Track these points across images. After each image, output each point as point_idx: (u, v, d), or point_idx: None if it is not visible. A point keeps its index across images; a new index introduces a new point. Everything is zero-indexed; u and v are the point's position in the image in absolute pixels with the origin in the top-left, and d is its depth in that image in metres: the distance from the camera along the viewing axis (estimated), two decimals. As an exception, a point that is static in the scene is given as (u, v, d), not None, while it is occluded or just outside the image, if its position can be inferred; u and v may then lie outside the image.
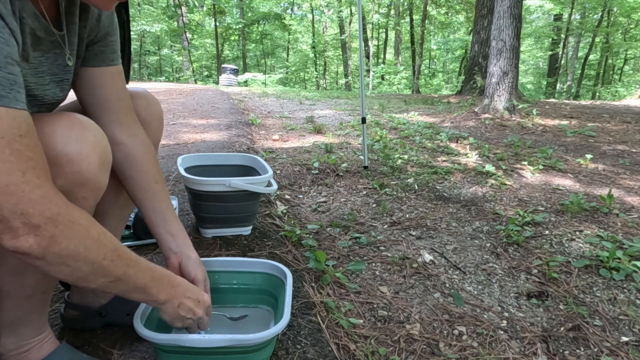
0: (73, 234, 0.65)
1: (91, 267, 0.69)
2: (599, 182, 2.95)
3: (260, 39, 25.04)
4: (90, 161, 0.75)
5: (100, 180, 0.79)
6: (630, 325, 1.43)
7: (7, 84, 0.59)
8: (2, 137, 0.58)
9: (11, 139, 0.59)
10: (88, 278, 0.70)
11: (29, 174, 0.61)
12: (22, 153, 0.60)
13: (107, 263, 0.70)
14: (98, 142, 0.78)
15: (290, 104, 7.21)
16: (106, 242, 0.71)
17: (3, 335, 0.84)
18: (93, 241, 0.69)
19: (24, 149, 0.61)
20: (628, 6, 16.07)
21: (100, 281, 0.72)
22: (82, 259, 0.67)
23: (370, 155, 3.42)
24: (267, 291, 1.17)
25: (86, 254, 0.67)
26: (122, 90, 0.96)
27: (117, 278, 0.73)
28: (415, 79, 16.35)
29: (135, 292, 0.78)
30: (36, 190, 0.61)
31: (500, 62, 5.41)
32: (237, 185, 1.51)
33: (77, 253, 0.66)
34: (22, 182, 0.60)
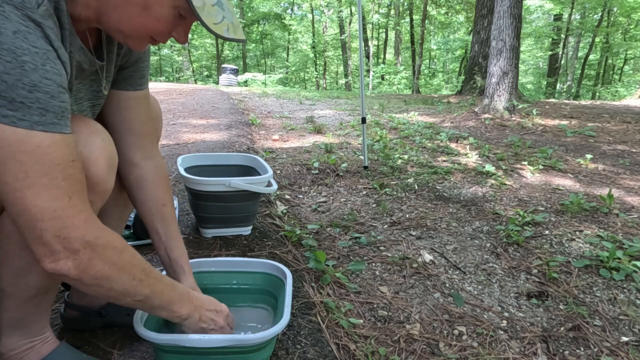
0: (108, 257, 0.70)
1: (123, 287, 0.73)
2: (599, 182, 2.95)
3: (260, 39, 25.03)
4: (99, 165, 0.77)
5: (108, 183, 0.81)
6: (630, 325, 1.43)
7: (59, 111, 0.63)
8: (59, 164, 0.63)
9: (66, 165, 0.64)
10: (119, 297, 0.75)
11: (75, 198, 0.65)
12: (73, 177, 0.65)
13: (136, 283, 0.75)
14: (106, 146, 0.80)
15: (290, 104, 7.21)
16: (136, 263, 0.76)
17: (4, 335, 0.84)
18: (125, 263, 0.73)
19: (75, 173, 0.66)
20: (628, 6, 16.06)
21: (129, 300, 0.76)
22: (116, 279, 0.72)
23: (370, 155, 3.42)
24: (267, 291, 1.17)
25: (119, 275, 0.72)
26: (145, 114, 0.99)
27: (146, 296, 0.78)
28: (415, 79, 16.34)
29: (160, 309, 0.82)
30: (79, 214, 0.66)
31: (500, 62, 5.41)
32: (237, 185, 1.51)
33: (111, 275, 0.71)
34: (68, 207, 0.64)
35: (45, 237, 0.63)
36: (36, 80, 0.60)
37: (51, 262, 0.65)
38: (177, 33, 0.78)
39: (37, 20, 0.61)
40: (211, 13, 0.73)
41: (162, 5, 0.72)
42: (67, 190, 0.64)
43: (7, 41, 0.57)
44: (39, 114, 0.61)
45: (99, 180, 0.77)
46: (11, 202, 0.62)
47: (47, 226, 0.63)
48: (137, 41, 0.77)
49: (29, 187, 0.61)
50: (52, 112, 0.62)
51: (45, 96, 0.61)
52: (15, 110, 0.59)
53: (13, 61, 0.58)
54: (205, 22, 0.72)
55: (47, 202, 0.62)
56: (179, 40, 0.78)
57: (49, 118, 0.62)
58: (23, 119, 0.60)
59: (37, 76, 0.60)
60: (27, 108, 0.60)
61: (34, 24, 0.61)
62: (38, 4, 0.61)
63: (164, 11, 0.73)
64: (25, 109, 0.59)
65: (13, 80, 0.58)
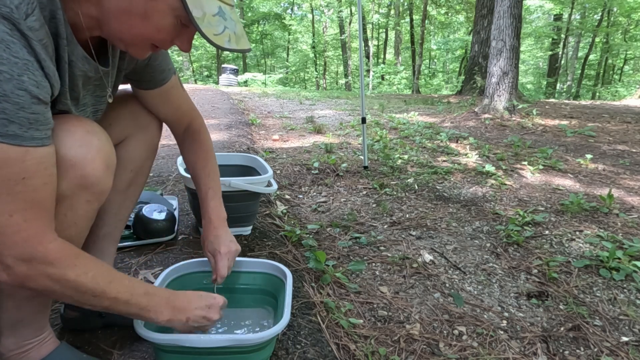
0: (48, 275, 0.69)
1: (72, 300, 0.75)
2: (599, 182, 2.95)
3: (260, 39, 25.02)
4: (95, 165, 0.76)
5: (105, 183, 0.80)
6: (630, 325, 1.43)
7: (26, 123, 0.62)
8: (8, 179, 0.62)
9: (14, 183, 0.63)
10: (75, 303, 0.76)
11: (17, 215, 0.64)
12: (20, 196, 0.64)
13: (87, 297, 0.74)
14: (102, 146, 0.79)
15: (290, 104, 7.21)
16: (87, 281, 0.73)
17: (4, 336, 0.84)
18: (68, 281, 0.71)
19: (25, 191, 0.64)
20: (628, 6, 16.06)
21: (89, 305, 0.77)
22: (60, 294, 0.72)
23: (370, 155, 3.42)
24: (267, 291, 1.17)
25: (62, 291, 0.72)
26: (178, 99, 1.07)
27: (106, 307, 0.78)
28: (415, 79, 16.34)
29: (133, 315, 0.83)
30: (20, 232, 0.65)
31: (500, 62, 5.41)
32: (237, 185, 1.51)
33: (53, 290, 0.71)
34: (7, 225, 0.64)
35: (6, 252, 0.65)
36: (8, 90, 0.59)
37: None
38: (180, 41, 0.78)
39: (23, 31, 0.61)
40: (212, 24, 0.72)
41: (162, 15, 0.72)
42: (9, 206, 0.63)
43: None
44: (1, 124, 0.60)
45: (95, 181, 0.77)
46: None
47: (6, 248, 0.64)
48: (139, 49, 0.77)
49: None
50: (17, 124, 0.61)
51: (14, 107, 0.60)
52: None
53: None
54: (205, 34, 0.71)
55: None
56: (182, 48, 0.78)
57: (11, 129, 0.60)
58: None
59: (10, 86, 0.59)
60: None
61: (19, 34, 0.61)
62: (27, 14, 0.61)
63: (164, 21, 0.72)
64: None
65: None
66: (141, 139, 1.05)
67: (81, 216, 0.80)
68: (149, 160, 1.10)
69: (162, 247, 1.53)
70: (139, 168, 1.07)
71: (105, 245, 1.06)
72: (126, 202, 1.08)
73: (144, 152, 1.07)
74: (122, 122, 1.01)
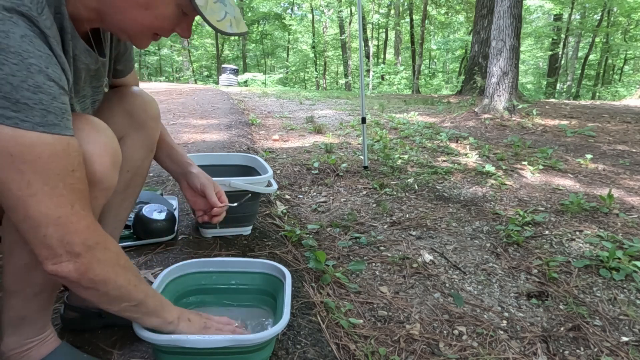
0: (106, 262, 0.73)
1: (118, 292, 0.76)
2: (599, 182, 2.95)
3: (260, 39, 25.03)
4: (103, 161, 0.78)
5: (111, 179, 0.81)
6: (630, 325, 1.43)
7: (60, 113, 0.64)
8: (58, 174, 0.65)
9: (65, 175, 0.66)
10: (114, 301, 0.77)
11: (77, 205, 0.68)
12: (74, 187, 0.67)
13: (131, 288, 0.78)
14: (110, 143, 0.80)
15: (290, 104, 7.21)
16: (131, 268, 0.79)
17: (6, 334, 0.84)
18: (121, 267, 0.76)
19: (75, 183, 0.68)
20: (628, 6, 16.06)
21: (124, 305, 0.79)
22: (112, 283, 0.74)
23: (370, 155, 3.42)
24: (266, 291, 1.17)
25: (116, 278, 0.74)
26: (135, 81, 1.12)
27: (140, 301, 0.80)
28: (415, 79, 16.34)
29: (151, 315, 0.84)
30: (82, 221, 0.68)
31: (500, 62, 5.41)
32: (237, 185, 1.51)
33: (109, 278, 0.73)
34: (71, 214, 0.67)
35: (48, 242, 0.66)
36: (40, 82, 0.61)
37: (53, 264, 0.67)
38: (181, 29, 0.80)
39: (41, 27, 0.64)
40: (214, 10, 0.75)
41: (165, 4, 0.74)
42: (69, 198, 0.66)
43: (14, 44, 0.59)
44: (41, 115, 0.62)
45: (102, 177, 0.78)
46: (13, 208, 0.64)
47: (51, 232, 0.65)
48: (141, 39, 0.80)
49: (32, 195, 0.63)
50: (54, 114, 0.63)
51: (48, 97, 0.62)
52: (18, 112, 0.60)
53: (20, 63, 0.59)
54: (209, 20, 0.74)
55: (51, 209, 0.65)
56: (183, 35, 0.80)
57: (50, 119, 0.63)
58: (26, 120, 0.60)
59: (41, 78, 0.61)
60: (30, 109, 0.61)
61: (39, 30, 0.63)
62: (39, 12, 0.63)
63: (167, 10, 0.75)
64: (28, 110, 0.60)
65: (18, 82, 0.59)
66: (137, 138, 1.04)
67: None
68: (147, 160, 1.09)
69: (162, 247, 1.53)
70: (136, 168, 1.06)
71: None
72: (124, 203, 1.07)
73: (141, 152, 1.06)
74: (117, 121, 1.00)
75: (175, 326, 0.87)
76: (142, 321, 0.84)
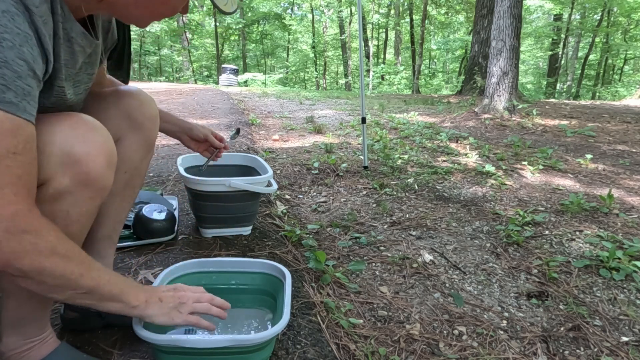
0: (39, 251, 0.67)
1: (59, 281, 0.71)
2: (599, 182, 2.95)
3: (260, 39, 25.03)
4: (98, 161, 0.77)
5: (107, 180, 0.80)
6: (630, 325, 1.43)
7: (21, 92, 0.62)
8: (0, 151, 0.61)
9: (4, 155, 0.61)
10: (56, 290, 0.72)
11: (8, 189, 0.63)
12: (10, 169, 0.63)
13: (75, 277, 0.72)
14: (105, 143, 0.79)
15: (290, 104, 7.21)
16: (73, 257, 0.72)
17: (5, 334, 0.84)
18: (60, 257, 0.70)
19: (13, 166, 0.63)
20: (628, 6, 16.06)
21: (70, 293, 0.73)
22: (48, 273, 0.68)
23: (370, 155, 3.42)
24: (266, 291, 1.17)
25: (53, 268, 0.69)
26: None
27: (90, 289, 0.75)
28: (415, 79, 16.34)
29: (111, 301, 0.79)
30: (9, 206, 0.63)
31: (500, 62, 5.41)
32: (237, 185, 1.51)
33: (43, 268, 0.68)
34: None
35: None
36: (9, 57, 0.60)
37: None
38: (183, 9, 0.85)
39: (27, 5, 0.63)
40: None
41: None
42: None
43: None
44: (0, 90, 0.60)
45: (97, 177, 0.77)
46: None
47: None
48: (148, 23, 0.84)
49: None
50: (13, 91, 0.61)
51: (13, 75, 0.61)
52: None
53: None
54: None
55: None
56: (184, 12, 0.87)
57: (8, 96, 0.60)
58: None
59: (12, 54, 0.60)
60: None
61: (23, 8, 0.62)
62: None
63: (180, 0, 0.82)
64: None
65: None
66: (135, 139, 1.03)
67: (83, 213, 0.80)
68: (145, 160, 1.09)
69: (162, 247, 1.53)
70: (135, 169, 1.06)
71: (103, 247, 1.06)
72: (123, 203, 1.07)
73: (139, 153, 1.05)
74: (115, 122, 0.99)
75: (142, 310, 0.83)
76: (100, 307, 0.79)
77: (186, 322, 0.87)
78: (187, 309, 0.87)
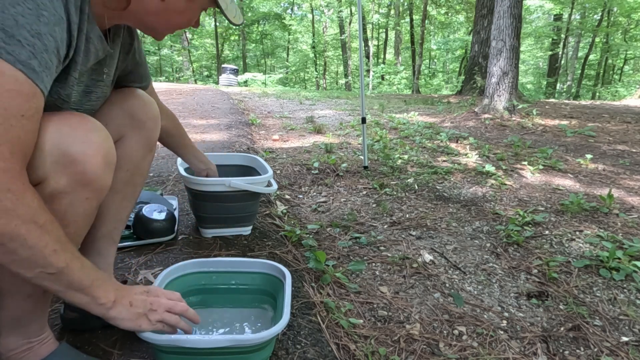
0: (18, 215, 0.64)
1: (29, 252, 0.66)
2: (599, 182, 2.95)
3: (260, 39, 25.02)
4: (95, 162, 0.77)
5: (104, 180, 0.80)
6: (630, 325, 1.43)
7: (44, 65, 0.66)
8: (5, 108, 0.62)
9: (12, 115, 0.63)
10: (24, 264, 0.68)
11: (5, 147, 0.62)
12: (13, 128, 0.63)
13: (48, 252, 0.68)
14: (103, 143, 0.79)
15: (290, 104, 7.21)
16: (51, 231, 0.69)
17: (3, 335, 0.83)
18: (38, 227, 0.66)
19: (17, 126, 0.64)
20: (628, 6, 16.06)
21: (38, 271, 0.69)
22: (21, 240, 0.65)
23: (370, 155, 3.42)
24: (266, 291, 1.17)
25: (26, 236, 0.65)
26: None
27: (59, 270, 0.70)
28: (415, 79, 16.34)
29: (79, 292, 0.75)
30: (1, 162, 0.61)
31: (500, 62, 5.41)
32: (237, 185, 1.51)
33: (17, 233, 0.64)
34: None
35: None
36: (43, 31, 0.64)
37: None
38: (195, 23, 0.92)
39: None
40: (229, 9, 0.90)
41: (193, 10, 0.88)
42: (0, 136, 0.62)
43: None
44: (27, 56, 0.63)
45: (95, 177, 0.77)
46: None
47: None
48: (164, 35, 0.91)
49: None
50: (38, 61, 0.64)
51: (42, 47, 0.65)
52: (8, 45, 0.61)
53: (33, 9, 0.63)
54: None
55: None
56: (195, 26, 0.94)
57: (33, 64, 0.64)
58: (11, 53, 0.61)
59: (45, 29, 0.65)
60: (21, 47, 0.62)
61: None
62: None
63: (195, 13, 0.89)
64: (18, 47, 0.62)
65: (23, 22, 0.62)
66: (137, 138, 1.04)
67: (81, 214, 0.79)
68: (146, 159, 1.10)
69: (162, 247, 1.53)
70: (136, 168, 1.07)
71: (104, 245, 1.06)
72: (124, 202, 1.07)
73: (140, 152, 1.06)
74: (118, 121, 1.01)
75: (107, 310, 0.79)
76: (66, 296, 0.74)
77: (153, 329, 0.84)
78: (156, 317, 0.85)
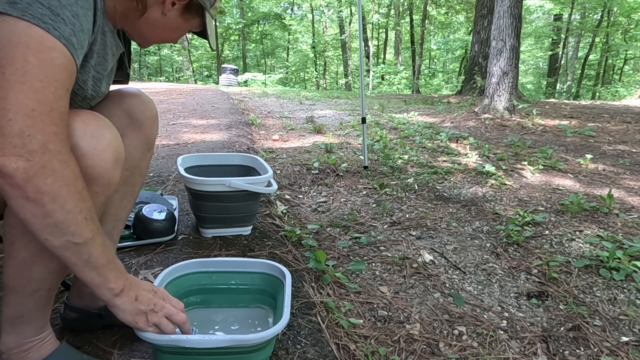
0: (62, 176, 0.67)
1: (65, 217, 0.68)
2: (599, 182, 2.95)
3: (260, 39, 25.02)
4: (104, 157, 0.78)
5: (113, 176, 0.81)
6: (630, 325, 1.43)
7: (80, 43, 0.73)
8: (56, 80, 0.68)
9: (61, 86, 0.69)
10: (56, 229, 0.69)
11: (55, 113, 0.68)
12: (61, 99, 0.69)
13: (81, 219, 0.70)
14: (113, 140, 0.81)
15: (290, 104, 7.21)
16: (87, 199, 0.72)
17: (4, 333, 0.83)
18: (77, 192, 0.70)
19: (64, 98, 0.70)
20: (628, 6, 16.06)
21: (65, 239, 0.70)
22: (61, 203, 0.67)
23: (370, 155, 3.42)
24: (266, 291, 1.17)
25: (66, 198, 0.68)
26: None
27: (85, 241, 0.72)
28: (415, 79, 16.35)
29: (91, 270, 0.75)
30: (52, 126, 0.67)
31: (500, 62, 5.41)
32: (237, 185, 1.51)
33: (59, 195, 0.67)
34: (46, 115, 0.66)
35: (9, 128, 0.63)
36: (81, 13, 0.71)
37: (2, 154, 0.62)
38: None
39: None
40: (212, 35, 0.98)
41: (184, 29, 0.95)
42: (52, 103, 0.67)
43: None
44: (70, 33, 0.69)
45: (103, 172, 0.78)
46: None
47: (17, 118, 0.63)
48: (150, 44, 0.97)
49: (21, 82, 0.64)
50: (77, 39, 0.71)
51: (79, 26, 0.71)
52: (54, 22, 0.67)
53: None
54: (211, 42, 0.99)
55: (30, 101, 0.64)
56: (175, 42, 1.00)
57: (74, 41, 0.70)
58: (57, 29, 0.67)
59: (82, 11, 0.72)
60: (65, 25, 0.68)
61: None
62: None
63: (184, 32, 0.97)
64: (63, 25, 0.68)
65: (65, 3, 0.69)
66: (135, 137, 1.05)
67: None
68: (145, 159, 1.10)
69: (162, 247, 1.53)
70: (134, 167, 1.07)
71: None
72: (123, 202, 1.07)
73: (139, 151, 1.07)
74: (117, 120, 1.00)
75: (114, 295, 0.79)
76: (80, 273, 0.75)
77: (147, 330, 0.84)
78: (154, 319, 0.85)
